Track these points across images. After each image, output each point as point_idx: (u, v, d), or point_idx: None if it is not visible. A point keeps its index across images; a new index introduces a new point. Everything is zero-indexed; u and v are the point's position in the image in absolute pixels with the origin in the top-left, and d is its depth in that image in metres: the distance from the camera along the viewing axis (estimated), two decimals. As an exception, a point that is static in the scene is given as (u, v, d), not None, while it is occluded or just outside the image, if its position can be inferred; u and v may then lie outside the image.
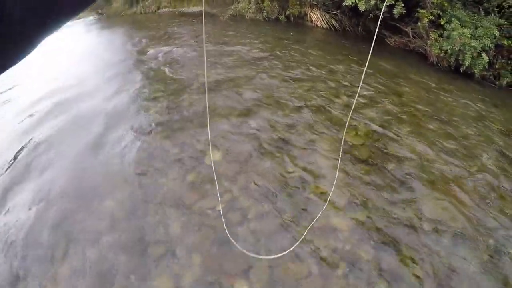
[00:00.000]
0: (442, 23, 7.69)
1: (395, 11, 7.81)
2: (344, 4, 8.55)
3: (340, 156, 3.06)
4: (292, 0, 10.75)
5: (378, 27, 1.55)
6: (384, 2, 8.14)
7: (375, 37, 1.37)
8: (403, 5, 7.78)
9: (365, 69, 1.74)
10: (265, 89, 5.21)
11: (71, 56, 8.01)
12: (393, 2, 7.74)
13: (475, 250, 2.88)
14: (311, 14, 10.31)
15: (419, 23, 8.11)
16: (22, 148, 3.96)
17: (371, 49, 1.33)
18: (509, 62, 7.69)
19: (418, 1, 8.03)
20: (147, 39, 8.86)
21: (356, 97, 4.46)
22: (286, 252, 2.00)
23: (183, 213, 2.96)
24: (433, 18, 7.82)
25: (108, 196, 3.16)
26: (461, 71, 7.42)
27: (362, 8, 8.15)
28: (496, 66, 7.70)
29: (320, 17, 9.97)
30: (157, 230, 2.81)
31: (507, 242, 3.01)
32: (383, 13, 8.04)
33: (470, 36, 7.20)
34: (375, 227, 2.95)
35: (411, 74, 7.07)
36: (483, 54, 7.22)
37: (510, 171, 4.09)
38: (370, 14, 8.55)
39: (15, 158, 3.81)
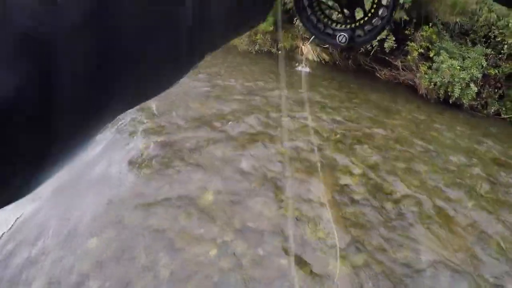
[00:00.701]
0: (431, 55, 7.84)
1: (386, 45, 7.98)
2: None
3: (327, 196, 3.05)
4: (285, 34, 10.96)
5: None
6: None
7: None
8: (394, 39, 7.96)
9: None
10: (257, 126, 5.22)
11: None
12: (384, 37, 7.92)
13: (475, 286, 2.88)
14: (303, 47, 10.49)
15: (408, 56, 8.25)
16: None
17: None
18: (496, 90, 7.87)
19: (408, 35, 8.21)
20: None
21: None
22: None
23: (174, 257, 2.91)
24: (422, 51, 7.98)
25: (93, 235, 3.07)
26: (451, 102, 7.55)
27: (353, 42, 8.31)
28: (484, 95, 7.86)
29: (311, 51, 10.14)
30: (146, 275, 2.75)
31: (506, 276, 3.01)
32: (373, 46, 8.31)
33: (459, 67, 7.36)
34: (374, 270, 2.93)
35: (401, 107, 7.16)
36: (472, 85, 7.37)
37: (505, 202, 4.13)
38: (361, 48, 8.70)
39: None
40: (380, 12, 0.58)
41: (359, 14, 0.63)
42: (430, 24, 8.14)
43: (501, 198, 4.20)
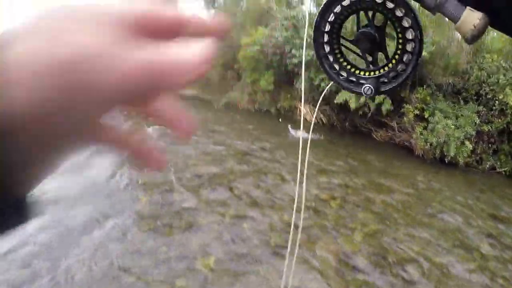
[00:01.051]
0: (426, 116, 8.11)
1: (383, 108, 8.28)
2: (335, 101, 9.03)
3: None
4: (284, 94, 11.28)
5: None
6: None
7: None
8: (390, 102, 8.25)
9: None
10: (257, 189, 5.23)
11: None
12: (382, 100, 8.22)
13: None
14: (301, 108, 10.72)
15: (404, 118, 8.50)
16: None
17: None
18: (489, 145, 8.11)
19: (403, 97, 8.50)
20: (139, 116, 9.15)
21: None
22: None
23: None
24: (417, 112, 8.25)
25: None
26: (447, 161, 7.72)
27: (353, 106, 8.67)
28: (478, 152, 8.06)
29: (309, 112, 10.37)
30: None
31: None
32: (370, 109, 8.53)
33: (453, 126, 7.58)
34: None
35: (398, 169, 7.29)
36: (466, 142, 7.60)
37: (509, 260, 4.16)
38: (359, 111, 9.03)
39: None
40: (404, 58, 0.57)
41: (381, 60, 0.62)
42: (424, 86, 8.45)
43: (503, 256, 4.23)
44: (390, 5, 0.53)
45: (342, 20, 0.59)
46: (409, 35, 0.54)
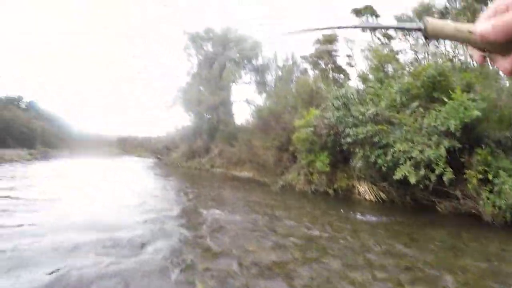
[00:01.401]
0: (490, 178, 7.70)
1: (445, 178, 8.01)
2: (394, 177, 8.94)
3: None
4: (340, 174, 11.31)
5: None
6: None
7: None
8: (451, 170, 7.97)
9: None
10: (320, 280, 5.02)
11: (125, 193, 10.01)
12: (442, 170, 7.99)
13: None
14: (359, 187, 10.66)
15: (468, 185, 8.11)
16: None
17: None
18: None
19: (463, 162, 8.20)
20: (200, 197, 9.89)
21: None
22: None
23: None
24: (481, 176, 7.86)
25: None
26: (520, 223, 7.14)
27: (412, 180, 8.48)
28: (552, 206, 7.35)
29: (368, 190, 10.27)
30: None
31: None
32: (431, 181, 8.19)
33: (521, 184, 7.12)
34: None
35: (468, 241, 6.81)
36: (538, 200, 7.03)
37: None
38: (420, 184, 8.75)
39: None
40: None
41: None
42: (482, 145, 8.13)
43: None
44: None
45: None
46: None
